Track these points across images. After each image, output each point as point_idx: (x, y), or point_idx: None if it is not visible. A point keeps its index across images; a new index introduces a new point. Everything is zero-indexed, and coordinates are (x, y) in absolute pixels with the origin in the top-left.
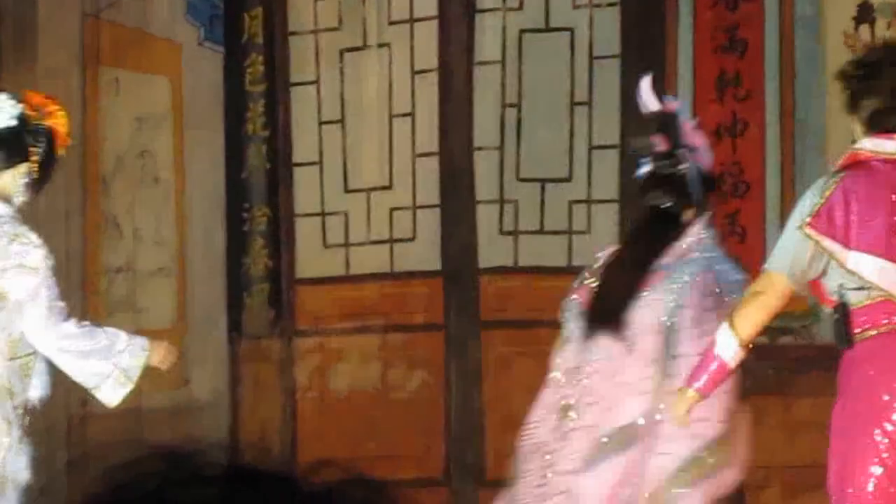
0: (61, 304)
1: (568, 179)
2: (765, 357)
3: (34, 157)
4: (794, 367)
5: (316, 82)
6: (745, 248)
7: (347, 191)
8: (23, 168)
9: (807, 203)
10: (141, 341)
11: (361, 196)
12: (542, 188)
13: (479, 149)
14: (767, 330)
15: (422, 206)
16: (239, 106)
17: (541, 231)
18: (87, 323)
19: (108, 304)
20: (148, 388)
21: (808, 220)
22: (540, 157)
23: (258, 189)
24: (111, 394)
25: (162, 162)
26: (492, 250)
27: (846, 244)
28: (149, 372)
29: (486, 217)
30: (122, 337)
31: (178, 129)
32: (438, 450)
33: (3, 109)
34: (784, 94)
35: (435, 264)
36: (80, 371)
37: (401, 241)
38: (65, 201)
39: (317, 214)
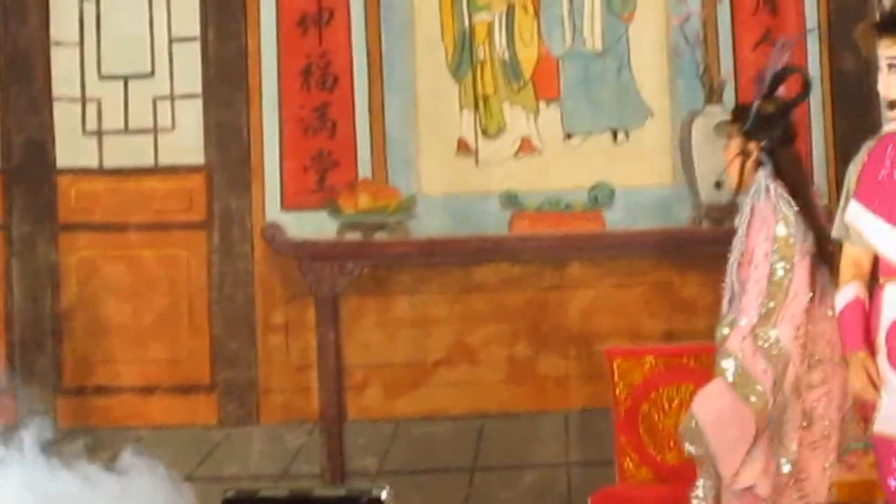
0: None
1: (151, 74)
2: (360, 255)
3: None
4: (390, 264)
5: None
6: (335, 142)
7: None
8: None
9: None
10: None
11: None
12: (125, 85)
13: (57, 44)
14: (360, 226)
15: None
16: None
17: (125, 130)
18: None
19: None
20: None
21: None
22: (121, 52)
23: None
24: None
25: None
26: (70, 150)
27: None
28: None
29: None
30: None
31: None
32: None
33: None
34: None
35: None
36: None
37: None
38: None
39: None
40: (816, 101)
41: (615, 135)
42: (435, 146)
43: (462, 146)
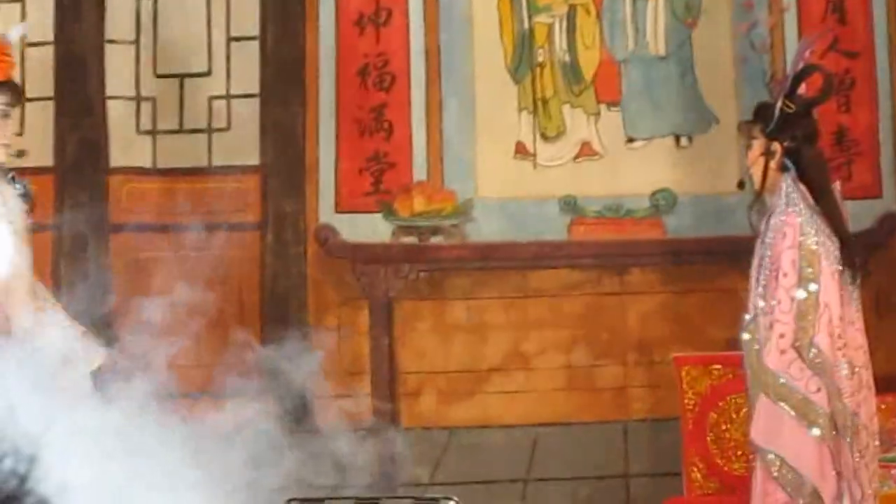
0: None
1: (207, 74)
2: (414, 259)
3: None
4: (445, 269)
5: None
6: (391, 144)
7: None
8: None
9: None
10: None
11: None
12: (181, 84)
13: (113, 42)
14: (416, 230)
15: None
16: None
17: (180, 130)
18: None
19: None
20: None
21: None
22: (178, 50)
23: None
24: None
25: None
26: (124, 149)
27: None
28: None
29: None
30: None
31: None
32: None
33: None
34: None
35: (47, 161)
36: None
37: None
38: None
39: None
40: (885, 113)
41: (678, 140)
42: (492, 149)
43: (520, 149)
